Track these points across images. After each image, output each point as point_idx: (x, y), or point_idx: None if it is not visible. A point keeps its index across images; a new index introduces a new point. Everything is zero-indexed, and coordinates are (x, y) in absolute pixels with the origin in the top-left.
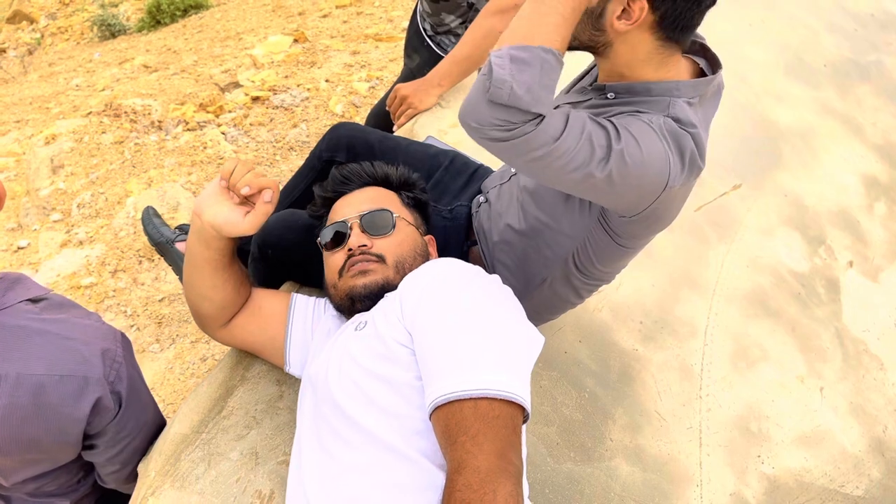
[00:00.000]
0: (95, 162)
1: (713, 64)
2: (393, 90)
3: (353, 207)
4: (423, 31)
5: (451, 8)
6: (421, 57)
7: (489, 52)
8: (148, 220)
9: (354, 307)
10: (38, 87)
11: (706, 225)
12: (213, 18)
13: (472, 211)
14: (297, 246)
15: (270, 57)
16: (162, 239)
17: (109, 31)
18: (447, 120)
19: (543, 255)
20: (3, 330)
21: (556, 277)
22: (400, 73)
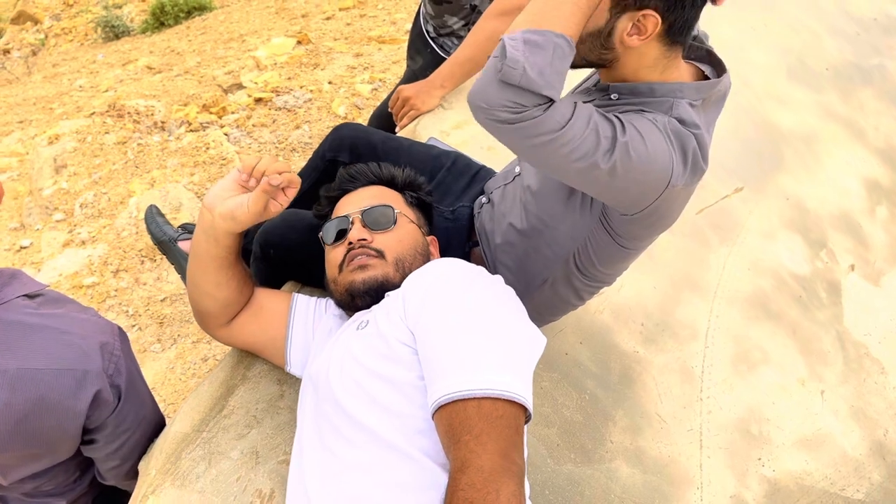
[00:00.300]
0: (98, 162)
1: (718, 69)
2: (395, 92)
3: (355, 204)
4: (426, 33)
5: (454, 10)
6: (424, 59)
7: (491, 53)
8: (151, 218)
9: (354, 303)
10: (41, 87)
11: (708, 228)
12: (216, 20)
13: (474, 212)
14: (299, 246)
15: (274, 59)
16: (165, 237)
17: (113, 32)
18: (449, 121)
19: (544, 255)
20: (1, 325)
21: (557, 278)
22: (403, 74)
